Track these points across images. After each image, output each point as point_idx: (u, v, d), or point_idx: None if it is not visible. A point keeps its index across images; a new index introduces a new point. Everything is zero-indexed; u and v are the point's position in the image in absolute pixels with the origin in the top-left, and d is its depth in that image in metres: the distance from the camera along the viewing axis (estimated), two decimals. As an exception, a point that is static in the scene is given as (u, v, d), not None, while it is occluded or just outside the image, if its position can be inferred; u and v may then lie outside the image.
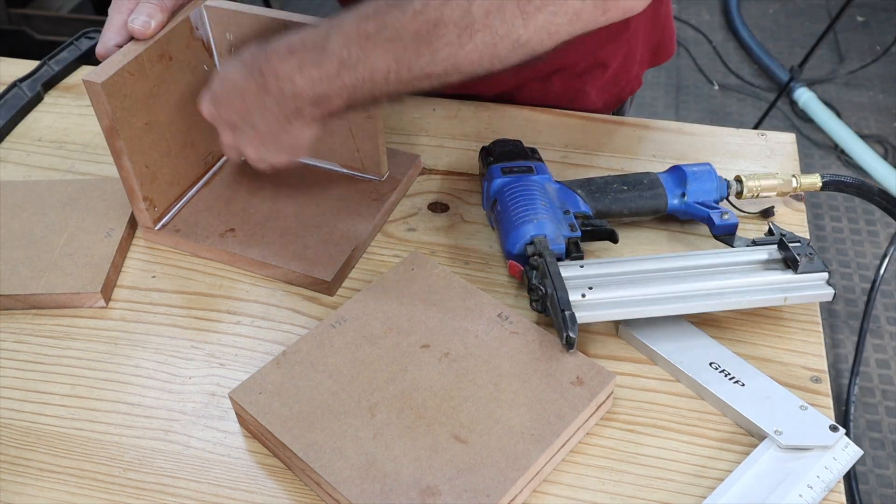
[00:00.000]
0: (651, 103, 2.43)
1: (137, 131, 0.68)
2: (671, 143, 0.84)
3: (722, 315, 0.67)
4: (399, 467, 0.53)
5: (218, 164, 0.80)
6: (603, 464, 0.58)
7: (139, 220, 0.74)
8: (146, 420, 0.61)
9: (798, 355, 0.64)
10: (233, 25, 0.72)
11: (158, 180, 0.72)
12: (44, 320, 0.69)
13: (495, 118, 0.87)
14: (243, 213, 0.75)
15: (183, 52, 0.71)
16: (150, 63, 0.68)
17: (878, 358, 1.75)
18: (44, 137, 0.87)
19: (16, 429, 0.61)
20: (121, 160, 0.68)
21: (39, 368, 0.65)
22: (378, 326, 0.62)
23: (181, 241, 0.73)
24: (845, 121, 2.28)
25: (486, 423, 0.56)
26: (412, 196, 0.79)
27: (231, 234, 0.73)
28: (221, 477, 0.58)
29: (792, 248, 0.64)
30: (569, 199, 0.71)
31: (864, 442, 1.61)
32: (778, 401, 0.59)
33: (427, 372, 0.59)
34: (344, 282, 0.71)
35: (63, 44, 0.98)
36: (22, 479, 0.58)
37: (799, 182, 0.73)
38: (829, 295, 0.63)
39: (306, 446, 0.55)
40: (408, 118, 0.87)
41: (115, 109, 0.65)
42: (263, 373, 0.59)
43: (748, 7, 2.80)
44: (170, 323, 0.68)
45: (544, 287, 0.62)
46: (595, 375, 0.58)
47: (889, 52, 2.51)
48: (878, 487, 1.54)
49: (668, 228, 0.74)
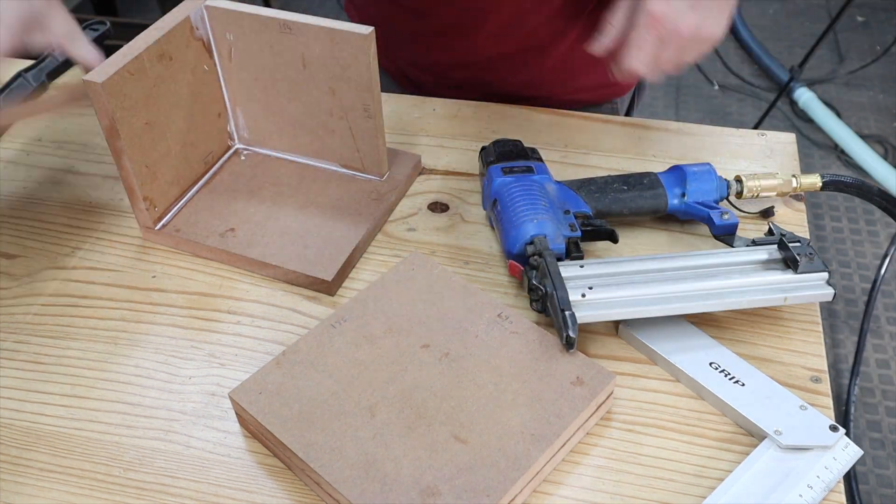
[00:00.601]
0: (651, 103, 2.43)
1: (137, 131, 0.68)
2: (671, 143, 0.84)
3: (722, 315, 0.67)
4: (399, 467, 0.53)
5: (218, 164, 0.80)
6: (603, 464, 0.58)
7: (139, 220, 0.74)
8: (146, 420, 0.61)
9: (798, 355, 0.64)
10: (233, 25, 0.72)
11: (158, 180, 0.73)
12: (45, 319, 0.69)
13: (495, 118, 0.87)
14: (243, 212, 0.75)
15: (183, 52, 0.71)
16: (150, 63, 0.68)
17: (878, 358, 1.76)
18: (44, 137, 0.87)
19: (16, 429, 0.61)
20: (121, 160, 0.69)
21: (39, 368, 0.65)
22: (378, 326, 0.62)
23: (181, 241, 0.73)
24: (845, 121, 2.28)
25: (486, 423, 0.56)
26: (412, 196, 0.79)
27: (231, 234, 0.73)
28: (221, 477, 0.58)
29: (792, 248, 0.64)
30: (569, 199, 0.71)
31: (864, 442, 1.61)
32: (778, 401, 0.59)
33: (427, 372, 0.59)
34: (344, 281, 0.71)
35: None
36: (22, 479, 0.58)
37: (799, 182, 0.73)
38: (829, 295, 0.63)
39: (306, 446, 0.55)
40: (408, 118, 0.87)
41: (116, 109, 0.65)
42: (263, 373, 0.59)
43: (748, 7, 2.80)
44: (170, 323, 0.68)
45: (544, 287, 0.62)
46: (595, 375, 0.58)
47: (889, 52, 2.51)
48: (878, 487, 1.54)
49: (668, 228, 0.74)
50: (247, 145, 0.82)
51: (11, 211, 0.79)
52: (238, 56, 0.74)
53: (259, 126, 0.80)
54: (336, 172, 0.79)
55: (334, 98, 0.73)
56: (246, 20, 0.71)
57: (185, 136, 0.74)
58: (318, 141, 0.78)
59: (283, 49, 0.71)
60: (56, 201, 0.80)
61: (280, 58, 0.72)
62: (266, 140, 0.81)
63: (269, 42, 0.72)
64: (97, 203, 0.79)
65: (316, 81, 0.72)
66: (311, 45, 0.70)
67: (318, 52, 0.70)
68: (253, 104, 0.78)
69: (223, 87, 0.78)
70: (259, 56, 0.73)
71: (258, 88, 0.76)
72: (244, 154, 0.82)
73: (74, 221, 0.77)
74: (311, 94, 0.74)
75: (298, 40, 0.70)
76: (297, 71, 0.72)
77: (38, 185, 0.81)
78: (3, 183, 0.82)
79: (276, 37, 0.71)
